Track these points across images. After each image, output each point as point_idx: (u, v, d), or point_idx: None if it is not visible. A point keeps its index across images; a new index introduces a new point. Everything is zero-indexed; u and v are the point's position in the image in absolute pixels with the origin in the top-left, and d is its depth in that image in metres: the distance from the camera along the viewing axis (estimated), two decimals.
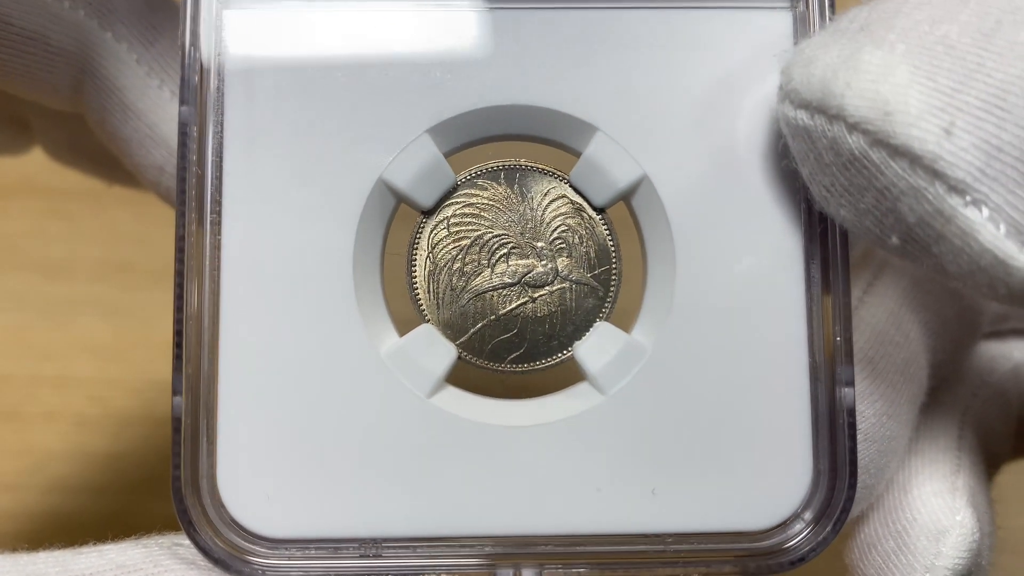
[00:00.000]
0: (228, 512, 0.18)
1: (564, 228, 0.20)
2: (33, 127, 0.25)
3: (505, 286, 0.20)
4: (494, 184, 0.20)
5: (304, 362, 0.19)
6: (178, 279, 0.18)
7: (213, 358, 0.18)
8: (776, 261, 0.19)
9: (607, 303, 0.20)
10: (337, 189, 0.19)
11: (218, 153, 0.19)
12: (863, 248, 0.22)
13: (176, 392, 0.18)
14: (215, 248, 0.19)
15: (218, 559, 0.18)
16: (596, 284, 0.20)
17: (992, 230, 0.15)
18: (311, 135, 0.19)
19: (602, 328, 0.20)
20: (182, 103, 0.19)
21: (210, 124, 0.19)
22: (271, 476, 0.18)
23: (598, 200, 0.20)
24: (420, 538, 0.19)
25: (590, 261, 0.20)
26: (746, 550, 0.19)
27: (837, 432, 0.19)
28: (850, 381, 0.19)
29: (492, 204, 0.20)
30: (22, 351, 0.34)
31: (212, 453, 0.18)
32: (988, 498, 0.22)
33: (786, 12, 0.19)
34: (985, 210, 0.15)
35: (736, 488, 0.19)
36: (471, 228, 0.20)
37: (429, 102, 0.19)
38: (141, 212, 0.35)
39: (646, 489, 0.19)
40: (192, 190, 0.18)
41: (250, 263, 0.19)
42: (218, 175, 0.19)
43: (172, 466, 0.18)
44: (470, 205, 0.20)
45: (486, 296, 0.20)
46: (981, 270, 0.15)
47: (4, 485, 0.33)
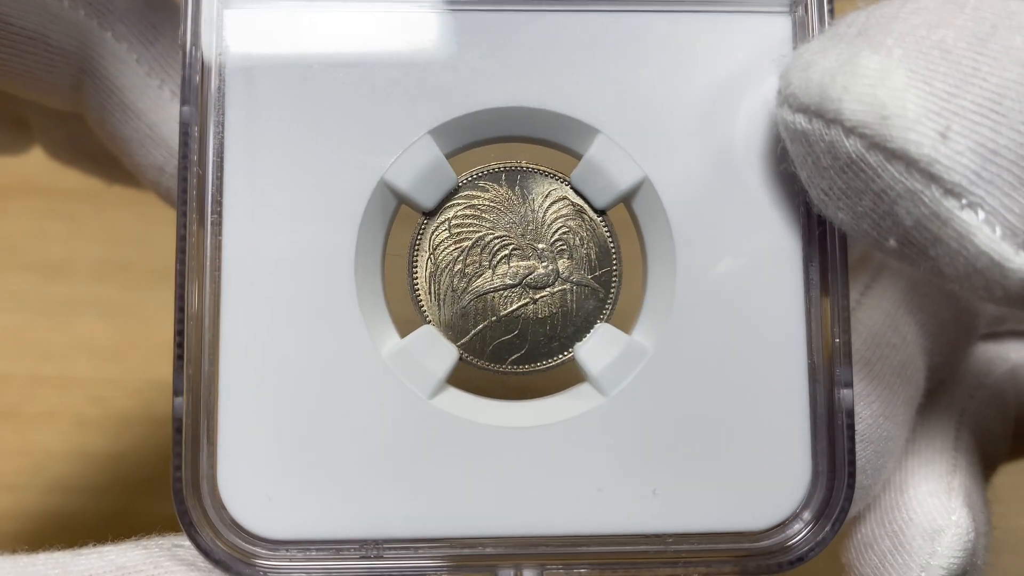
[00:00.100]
0: (229, 513, 0.18)
1: (565, 230, 0.20)
2: (33, 127, 0.25)
3: (506, 287, 0.20)
4: (495, 185, 0.20)
5: (305, 363, 0.19)
6: (179, 279, 0.18)
7: (214, 358, 0.18)
8: (775, 263, 0.19)
9: (608, 304, 0.20)
10: (338, 190, 0.19)
11: (219, 153, 0.19)
12: (861, 250, 0.22)
13: (177, 392, 0.18)
14: (216, 248, 0.19)
15: (219, 560, 0.18)
16: (597, 286, 0.20)
17: (988, 232, 0.15)
18: (312, 135, 0.19)
19: (603, 329, 0.20)
20: (183, 103, 0.19)
21: (211, 124, 0.19)
22: (272, 477, 0.18)
23: (599, 202, 0.20)
24: (421, 539, 0.19)
25: (591, 263, 0.20)
26: (746, 550, 0.19)
27: (836, 433, 0.19)
28: (849, 382, 0.19)
29: (493, 205, 0.20)
30: (22, 351, 0.34)
31: (213, 454, 0.18)
32: (984, 498, 0.22)
33: (785, 17, 0.19)
34: (981, 213, 0.15)
35: (736, 488, 0.19)
36: (472, 229, 0.20)
37: (431, 103, 0.19)
38: (141, 212, 0.35)
39: (647, 489, 0.19)
40: (193, 190, 0.18)
41: (251, 263, 0.19)
42: (219, 175, 0.19)
43: (173, 467, 0.18)
44: (471, 206, 0.20)
45: (487, 297, 0.20)
46: (977, 272, 0.15)
47: (4, 485, 0.33)
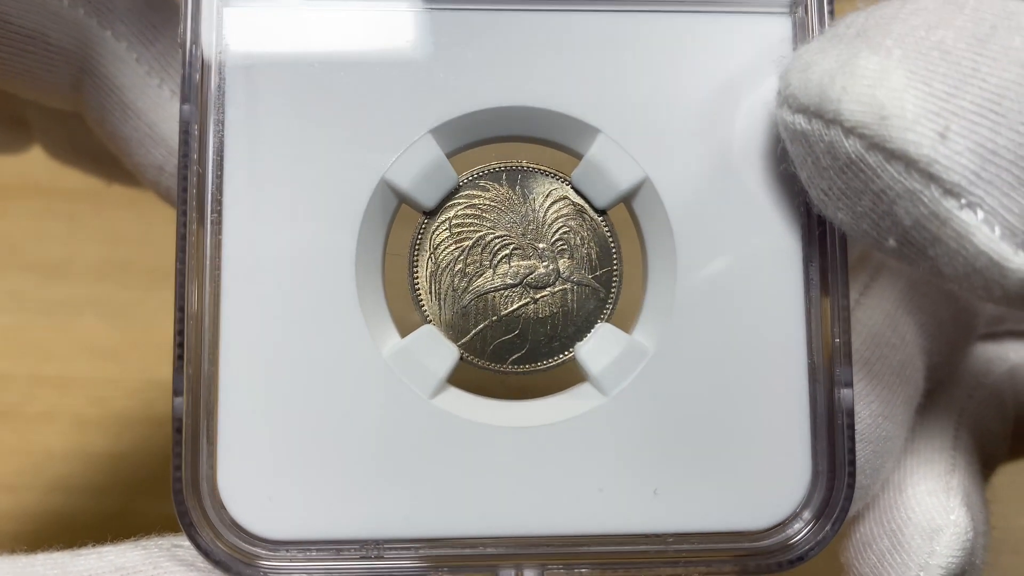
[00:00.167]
0: (229, 513, 0.18)
1: (566, 229, 0.20)
2: (32, 126, 0.25)
3: (507, 287, 0.20)
4: (496, 185, 0.20)
5: (305, 363, 0.19)
6: (179, 278, 0.18)
7: (214, 358, 0.18)
8: (775, 263, 0.19)
9: (608, 304, 0.20)
10: (339, 189, 0.19)
11: (219, 152, 0.19)
12: (860, 250, 0.22)
13: (177, 392, 0.18)
14: (216, 247, 0.19)
15: (219, 561, 0.18)
16: (598, 285, 0.20)
17: (987, 232, 0.15)
18: (313, 134, 0.19)
19: (603, 329, 0.20)
20: (183, 101, 0.18)
21: (211, 122, 0.19)
22: (272, 477, 0.18)
23: (600, 202, 0.20)
24: (422, 539, 0.18)
25: (591, 262, 0.20)
26: (746, 549, 0.19)
27: (836, 433, 0.19)
28: (848, 382, 0.19)
29: (494, 205, 0.20)
30: (22, 351, 0.34)
31: (213, 454, 0.18)
32: (983, 498, 0.22)
33: (786, 17, 0.20)
34: (980, 213, 0.15)
35: (736, 488, 0.19)
36: (473, 229, 0.20)
37: (432, 102, 0.19)
38: (141, 212, 0.35)
39: (648, 489, 0.19)
40: (193, 188, 0.18)
41: (251, 262, 0.19)
42: (219, 174, 0.19)
43: (172, 467, 0.18)
44: (472, 206, 0.20)
45: (488, 297, 0.20)
46: (977, 272, 0.15)
47: (4, 485, 0.33)
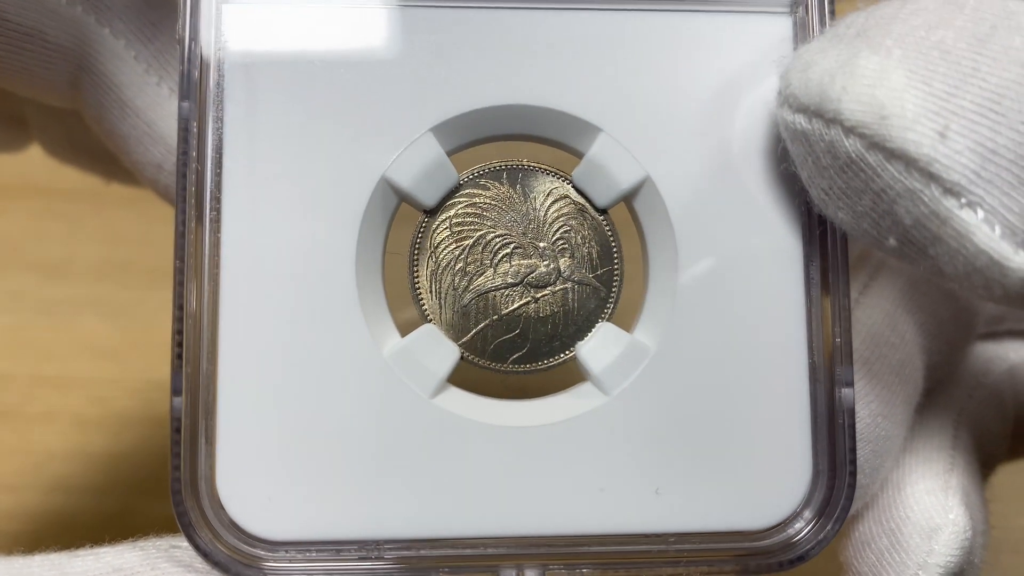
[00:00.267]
0: (227, 514, 0.18)
1: (566, 228, 0.20)
2: (31, 124, 0.25)
3: (508, 286, 0.20)
4: (497, 184, 0.20)
5: (305, 362, 0.19)
6: (178, 277, 0.18)
7: (213, 357, 0.18)
8: (776, 263, 0.19)
9: (609, 303, 0.20)
10: (339, 187, 0.19)
11: (218, 149, 0.19)
12: (859, 250, 0.22)
13: (176, 392, 0.18)
14: (215, 246, 0.18)
15: (217, 562, 0.18)
16: (598, 284, 0.20)
17: (987, 231, 0.15)
18: (313, 132, 0.19)
19: (604, 328, 0.20)
20: (182, 98, 0.18)
21: (210, 120, 0.19)
22: (271, 477, 0.18)
23: (601, 201, 0.20)
24: (422, 539, 0.18)
25: (592, 261, 0.20)
26: (747, 549, 0.19)
27: (836, 432, 0.19)
28: (849, 382, 0.19)
29: (495, 204, 0.20)
30: (22, 351, 0.34)
31: (211, 454, 0.18)
32: (982, 497, 0.22)
33: (786, 17, 0.20)
34: (980, 212, 0.15)
35: (737, 487, 0.19)
36: (474, 228, 0.20)
37: (433, 100, 0.19)
38: (141, 212, 0.35)
39: (649, 489, 0.19)
40: (192, 186, 0.18)
41: (250, 261, 0.19)
42: (218, 172, 0.19)
43: (171, 467, 0.18)
44: (473, 204, 0.20)
45: (488, 296, 0.20)
46: (977, 271, 0.16)
47: (4, 485, 0.33)
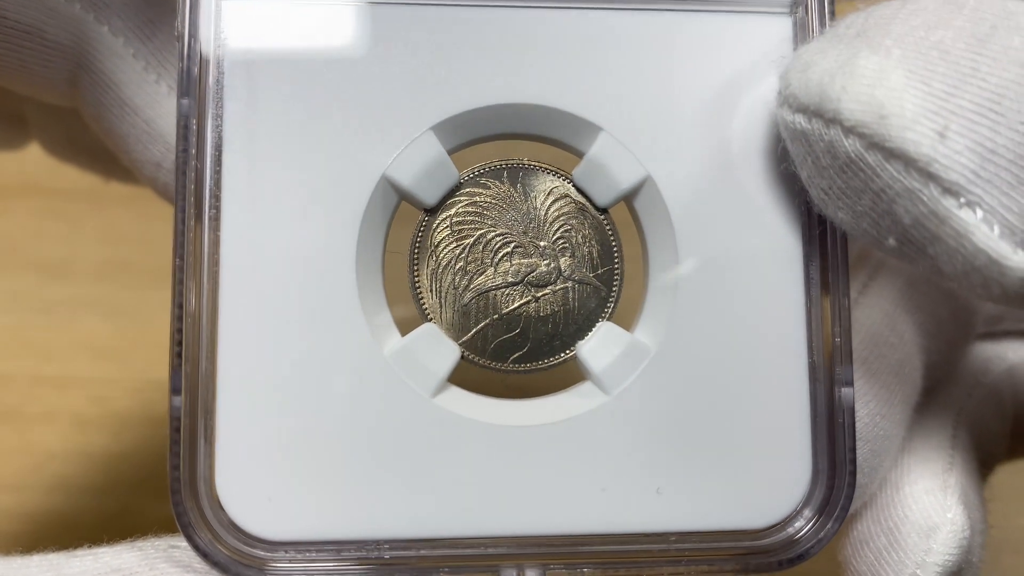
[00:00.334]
0: (227, 514, 0.18)
1: (567, 227, 0.20)
2: (30, 122, 0.25)
3: (508, 285, 0.20)
4: (497, 183, 0.20)
5: (305, 361, 0.18)
6: (177, 275, 0.18)
7: (212, 356, 0.18)
8: (776, 262, 0.19)
9: (610, 303, 0.20)
10: (339, 185, 0.19)
11: (217, 147, 0.19)
12: (858, 249, 0.22)
13: (175, 391, 0.18)
14: (214, 244, 0.18)
15: (217, 562, 0.18)
16: (599, 284, 0.20)
17: (986, 231, 0.15)
18: (313, 130, 0.19)
19: (605, 328, 0.20)
20: (182, 96, 0.18)
21: (209, 118, 0.19)
22: (271, 477, 0.18)
23: (601, 200, 0.20)
24: (422, 539, 0.18)
25: (593, 261, 0.20)
26: (747, 548, 0.19)
27: (836, 431, 0.19)
28: (849, 381, 0.19)
29: (495, 203, 0.20)
30: (22, 351, 0.34)
31: (211, 453, 0.18)
32: (981, 497, 0.22)
33: (786, 17, 0.20)
34: (979, 211, 0.15)
35: (737, 486, 0.19)
36: (474, 227, 0.20)
37: (434, 99, 0.19)
38: (141, 212, 0.35)
39: (650, 488, 0.19)
40: (191, 184, 0.18)
41: (250, 260, 0.19)
42: (217, 170, 0.19)
43: (170, 466, 0.18)
44: (473, 203, 0.20)
45: (489, 295, 0.20)
46: (976, 270, 0.16)
47: (4, 485, 0.33)
